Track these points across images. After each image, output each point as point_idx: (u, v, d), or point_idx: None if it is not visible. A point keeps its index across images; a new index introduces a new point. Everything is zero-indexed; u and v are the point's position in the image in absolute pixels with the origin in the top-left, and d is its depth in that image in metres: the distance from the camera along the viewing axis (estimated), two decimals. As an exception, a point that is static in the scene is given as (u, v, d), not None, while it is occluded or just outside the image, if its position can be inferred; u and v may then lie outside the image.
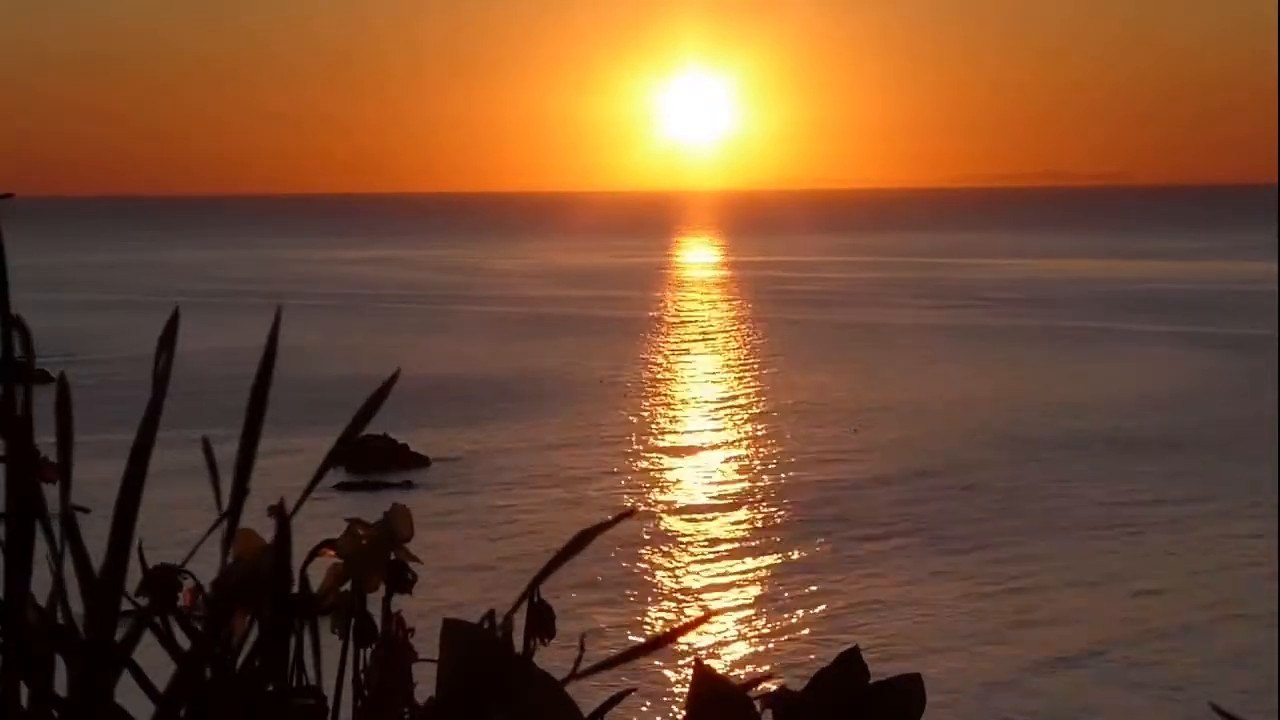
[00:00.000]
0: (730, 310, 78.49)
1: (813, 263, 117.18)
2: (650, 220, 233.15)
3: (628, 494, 31.84)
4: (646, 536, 28.15)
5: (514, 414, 42.15)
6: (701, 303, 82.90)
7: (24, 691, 1.75)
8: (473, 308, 77.93)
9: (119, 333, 60.40)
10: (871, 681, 2.20)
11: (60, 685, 1.75)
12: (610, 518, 1.82)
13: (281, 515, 1.73)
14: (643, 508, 30.16)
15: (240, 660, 1.81)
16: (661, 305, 79.39)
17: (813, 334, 63.99)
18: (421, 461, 34.94)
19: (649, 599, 24.51)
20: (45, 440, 1.82)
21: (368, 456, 33.59)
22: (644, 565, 26.43)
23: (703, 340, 63.43)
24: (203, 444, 1.88)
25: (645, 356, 56.12)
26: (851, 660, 2.22)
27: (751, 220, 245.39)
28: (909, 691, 2.21)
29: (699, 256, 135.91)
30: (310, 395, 39.55)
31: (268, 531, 1.83)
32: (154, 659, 1.84)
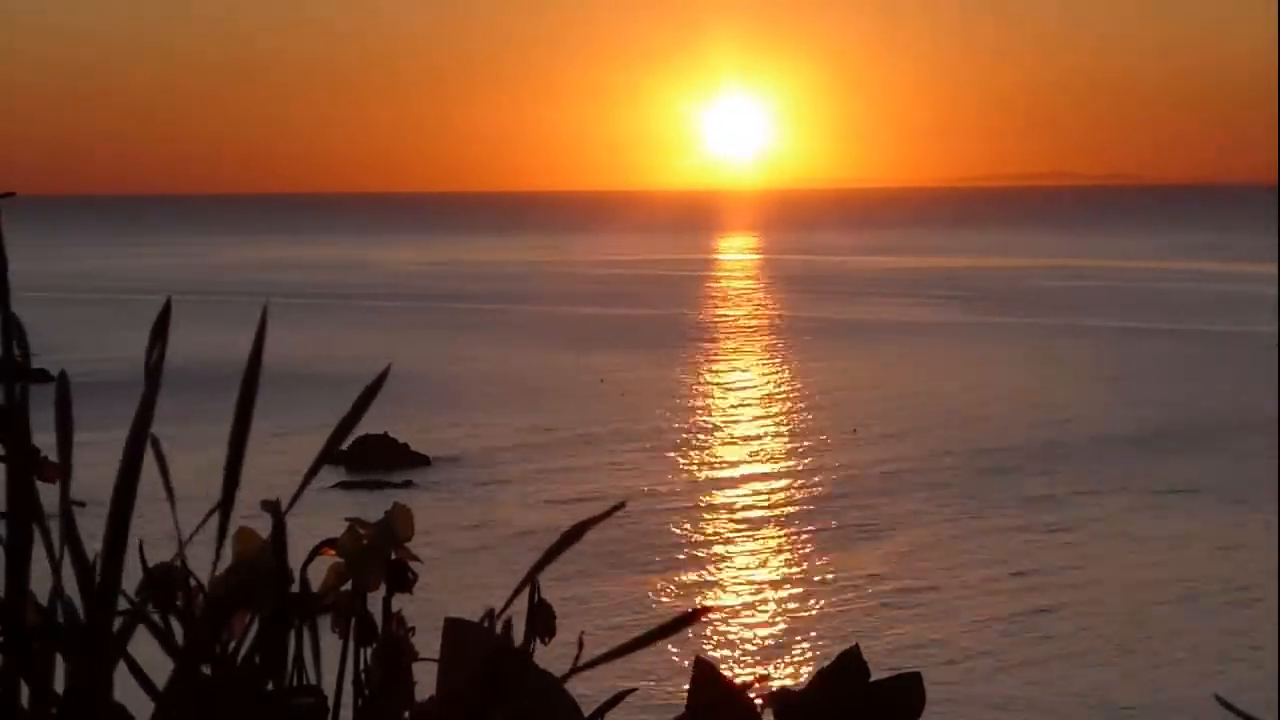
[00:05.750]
0: (735, 308, 78.47)
1: (821, 260, 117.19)
2: (672, 220, 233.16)
3: (628, 491, 31.85)
4: (644, 533, 28.15)
5: (514, 412, 42.14)
6: (708, 301, 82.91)
7: (24, 691, 1.75)
8: (475, 307, 77.94)
9: None
10: (871, 680, 2.20)
11: (60, 685, 1.75)
12: (602, 512, 1.82)
13: (276, 511, 1.73)
14: (641, 505, 30.16)
15: (240, 659, 1.81)
16: (665, 304, 79.38)
17: (815, 332, 63.99)
18: (422, 461, 34.93)
19: (645, 595, 24.52)
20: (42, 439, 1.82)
21: (368, 456, 33.60)
22: (641, 562, 26.44)
23: (705, 339, 63.42)
24: (151, 443, 1.86)
25: (645, 356, 56.09)
26: (851, 659, 2.22)
27: (770, 218, 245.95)
28: (909, 690, 2.21)
29: (711, 254, 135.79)
30: (317, 392, 39.58)
31: (264, 528, 1.83)
32: (155, 658, 1.84)
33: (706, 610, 3.87)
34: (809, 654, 21.92)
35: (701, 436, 39.48)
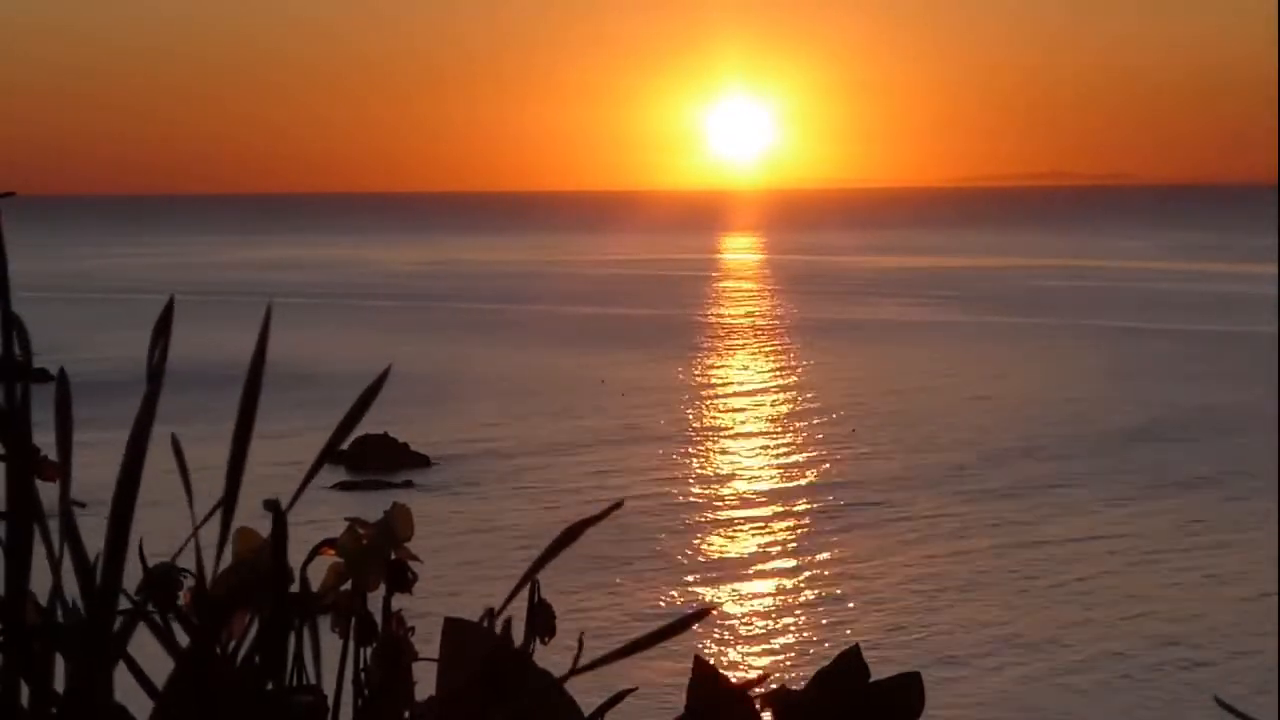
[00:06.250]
0: (736, 308, 78.47)
1: (822, 260, 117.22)
2: (674, 220, 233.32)
3: (627, 491, 31.86)
4: (642, 532, 28.15)
5: (515, 413, 42.15)
6: (709, 300, 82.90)
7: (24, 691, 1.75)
8: (475, 307, 77.95)
9: None
10: (871, 680, 2.20)
11: (60, 684, 1.75)
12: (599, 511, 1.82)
13: (277, 510, 1.73)
14: (639, 504, 30.15)
15: (240, 659, 1.81)
16: (666, 304, 79.38)
17: (815, 332, 64.00)
18: (422, 461, 34.92)
19: (643, 594, 24.52)
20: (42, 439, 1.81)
21: (368, 456, 33.59)
22: (641, 559, 26.43)
23: (706, 339, 63.42)
24: (172, 442, 1.86)
25: (645, 355, 56.09)
26: (851, 659, 2.22)
27: (772, 219, 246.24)
28: (909, 690, 2.21)
29: (713, 254, 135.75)
30: (317, 392, 39.59)
31: (265, 528, 1.83)
32: (155, 658, 1.84)
33: (710, 609, 3.84)
34: (809, 654, 21.92)
35: (701, 436, 39.48)
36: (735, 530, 29.44)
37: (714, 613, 23.58)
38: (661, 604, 24.14)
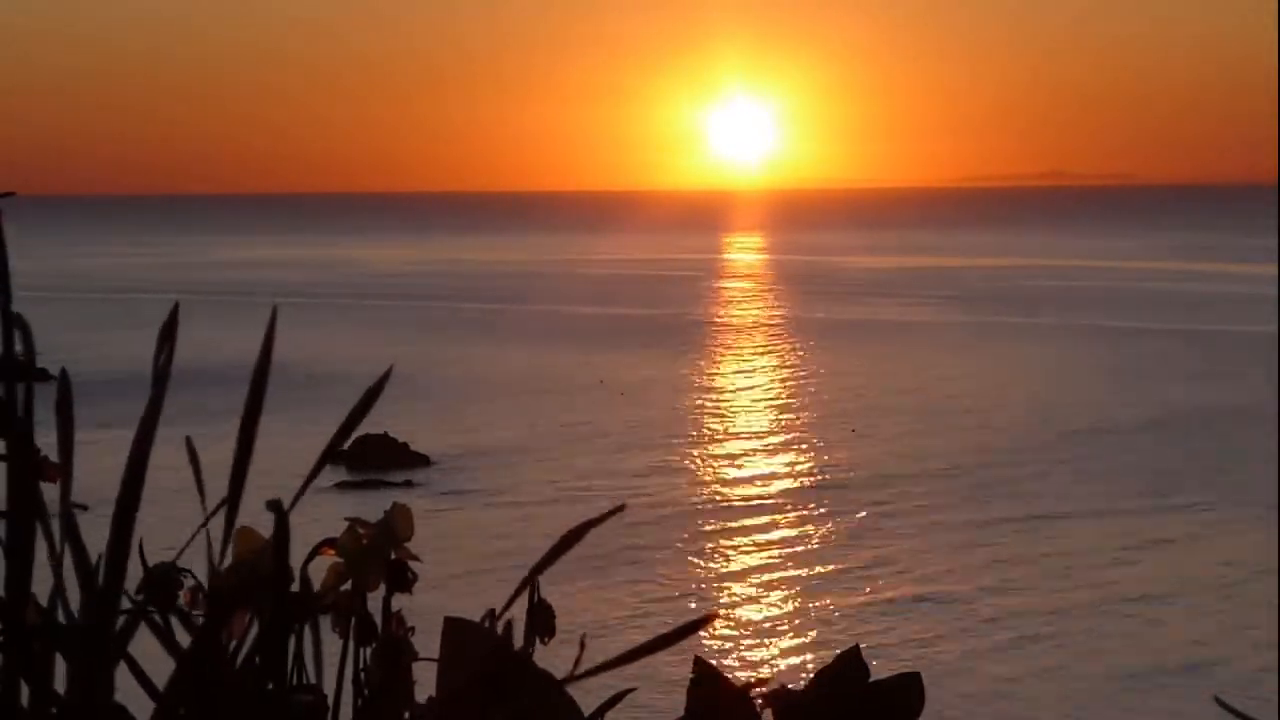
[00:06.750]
0: (736, 308, 78.47)
1: (823, 260, 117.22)
2: (676, 220, 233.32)
3: (628, 491, 31.87)
4: (643, 534, 28.15)
5: (514, 412, 42.15)
6: (709, 300, 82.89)
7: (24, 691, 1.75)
8: (475, 307, 77.95)
9: None
10: (871, 680, 2.20)
11: (61, 685, 1.75)
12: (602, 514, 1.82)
13: (279, 511, 1.73)
14: (640, 504, 30.15)
15: (240, 659, 1.81)
16: (666, 304, 79.36)
17: (816, 332, 64.00)
18: (422, 460, 34.92)
19: (643, 596, 24.52)
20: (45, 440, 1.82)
21: (368, 455, 33.59)
22: (640, 562, 26.43)
23: (705, 339, 63.41)
24: (186, 444, 1.87)
25: (644, 355, 56.09)
26: (851, 660, 2.22)
27: (774, 219, 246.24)
28: (909, 690, 2.22)
29: (714, 254, 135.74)
30: (318, 392, 39.60)
31: (267, 528, 1.83)
32: (155, 658, 1.84)
33: (715, 616, 3.82)
34: (809, 655, 21.93)
35: (700, 436, 39.48)
36: (735, 530, 29.44)
37: (712, 611, 23.55)
38: (661, 604, 24.13)
